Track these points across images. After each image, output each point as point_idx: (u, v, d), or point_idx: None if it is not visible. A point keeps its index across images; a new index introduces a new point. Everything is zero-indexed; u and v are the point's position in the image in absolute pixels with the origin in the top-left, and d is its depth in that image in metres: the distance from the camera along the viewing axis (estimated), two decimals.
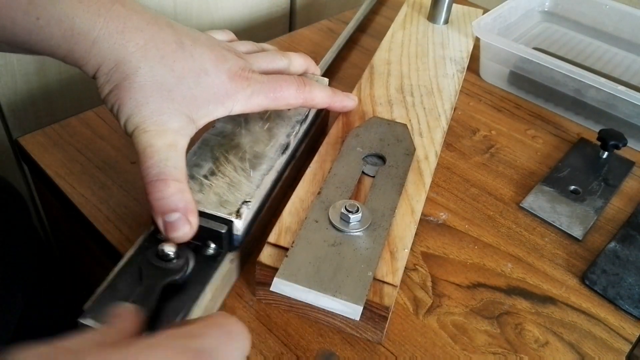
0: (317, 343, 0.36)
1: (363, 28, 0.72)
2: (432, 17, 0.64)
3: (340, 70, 0.63)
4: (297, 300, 0.35)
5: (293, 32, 0.71)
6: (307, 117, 0.45)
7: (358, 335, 0.36)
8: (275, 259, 0.35)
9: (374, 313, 0.34)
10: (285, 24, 0.85)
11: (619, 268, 0.42)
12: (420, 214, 0.40)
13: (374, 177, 0.41)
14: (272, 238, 0.37)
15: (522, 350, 0.37)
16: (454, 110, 0.56)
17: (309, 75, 0.47)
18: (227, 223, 0.35)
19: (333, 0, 0.91)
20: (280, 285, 0.33)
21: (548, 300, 0.40)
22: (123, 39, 0.34)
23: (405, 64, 0.56)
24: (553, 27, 0.72)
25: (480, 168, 0.51)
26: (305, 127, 0.46)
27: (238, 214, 0.36)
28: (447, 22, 0.65)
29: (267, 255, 0.36)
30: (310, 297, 0.33)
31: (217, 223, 0.35)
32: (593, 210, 0.47)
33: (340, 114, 0.48)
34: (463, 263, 0.42)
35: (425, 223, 0.45)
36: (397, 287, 0.35)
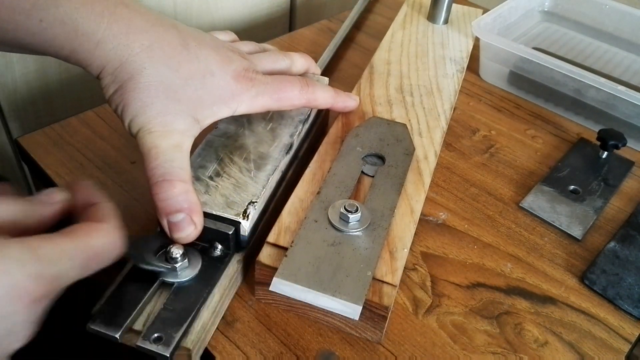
0: (316, 343, 0.36)
1: (362, 28, 0.72)
2: (432, 17, 0.64)
3: (340, 70, 0.63)
4: (296, 300, 0.35)
5: (293, 32, 0.71)
6: (309, 116, 0.45)
7: (357, 335, 0.36)
8: (275, 259, 0.35)
9: (374, 313, 0.34)
10: (285, 24, 0.85)
11: (619, 268, 0.42)
12: (420, 214, 0.40)
13: (374, 177, 0.41)
14: (271, 238, 0.37)
15: (521, 350, 0.37)
16: (454, 110, 0.56)
17: (310, 75, 0.47)
18: (234, 224, 0.35)
19: (333, 0, 0.91)
20: (280, 285, 0.33)
21: (548, 300, 0.40)
22: (127, 40, 0.34)
23: (405, 64, 0.56)
24: (553, 27, 0.72)
25: (480, 168, 0.51)
26: (307, 126, 0.46)
27: (245, 215, 0.35)
28: (447, 22, 0.65)
29: (266, 255, 0.36)
30: (310, 296, 0.33)
31: (224, 224, 0.35)
32: (593, 210, 0.47)
33: (340, 114, 0.48)
34: (462, 263, 0.42)
35: (425, 223, 0.45)
36: (396, 286, 0.35)
